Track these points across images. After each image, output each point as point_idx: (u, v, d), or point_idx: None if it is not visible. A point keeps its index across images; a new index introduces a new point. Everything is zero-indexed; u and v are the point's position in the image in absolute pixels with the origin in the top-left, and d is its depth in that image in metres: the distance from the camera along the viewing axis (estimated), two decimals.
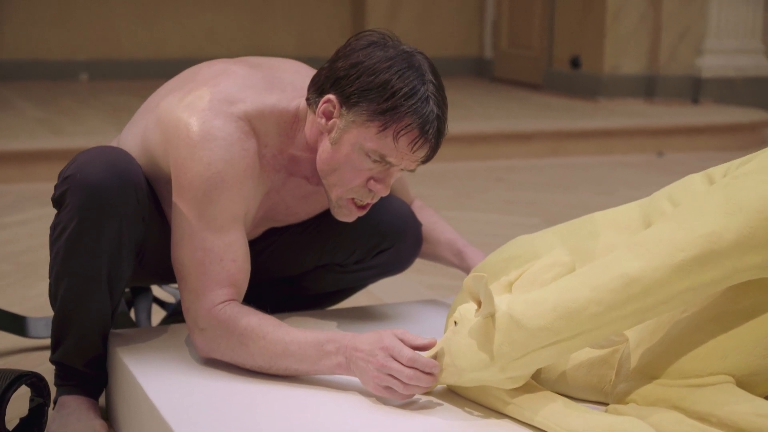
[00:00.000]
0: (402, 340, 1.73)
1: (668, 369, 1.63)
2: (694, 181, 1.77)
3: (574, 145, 5.97)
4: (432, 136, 1.81)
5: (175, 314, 2.52)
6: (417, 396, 1.74)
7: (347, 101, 1.82)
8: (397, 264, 2.22)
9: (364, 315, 2.21)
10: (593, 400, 1.75)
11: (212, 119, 1.86)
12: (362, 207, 1.92)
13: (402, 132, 1.79)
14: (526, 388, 1.68)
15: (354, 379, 1.79)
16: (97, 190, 1.82)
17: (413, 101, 1.78)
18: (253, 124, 1.89)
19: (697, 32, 6.99)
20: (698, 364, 1.60)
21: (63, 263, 1.87)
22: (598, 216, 1.89)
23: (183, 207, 1.86)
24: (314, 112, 1.89)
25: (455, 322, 1.71)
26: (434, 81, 1.82)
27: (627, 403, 1.66)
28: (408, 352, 1.71)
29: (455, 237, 2.25)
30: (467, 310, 1.69)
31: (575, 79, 7.28)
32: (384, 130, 1.80)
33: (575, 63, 7.25)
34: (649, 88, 7.04)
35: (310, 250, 2.17)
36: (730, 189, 1.57)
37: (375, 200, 1.91)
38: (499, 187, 5.03)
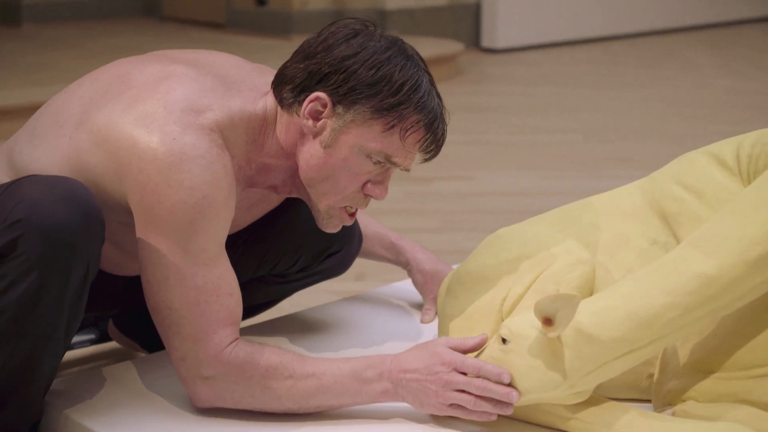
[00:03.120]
0: (452, 348, 1.60)
1: (726, 362, 1.60)
2: (701, 163, 1.73)
3: None
4: (441, 132, 1.65)
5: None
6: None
7: (344, 99, 1.61)
8: (342, 266, 2.03)
9: (284, 325, 2.03)
10: (627, 398, 1.69)
11: (182, 135, 1.57)
12: (353, 214, 1.72)
13: (411, 129, 1.62)
14: (588, 401, 1.59)
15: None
16: (62, 234, 1.49)
17: (419, 95, 1.61)
18: (225, 134, 1.63)
19: None
20: (758, 354, 1.58)
21: (10, 324, 1.53)
22: (595, 202, 1.81)
23: (162, 241, 1.57)
24: (290, 113, 1.66)
25: (503, 340, 1.57)
26: (428, 71, 1.66)
27: (684, 400, 1.62)
28: (473, 361, 1.57)
29: (384, 230, 2.09)
30: (520, 327, 1.56)
31: (262, 16, 7.10)
32: (391, 128, 1.61)
33: (261, 0, 7.07)
34: None
35: (247, 263, 1.92)
36: None
37: (367, 206, 1.72)
38: None
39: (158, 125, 1.58)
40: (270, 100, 1.69)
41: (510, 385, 1.55)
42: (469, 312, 1.74)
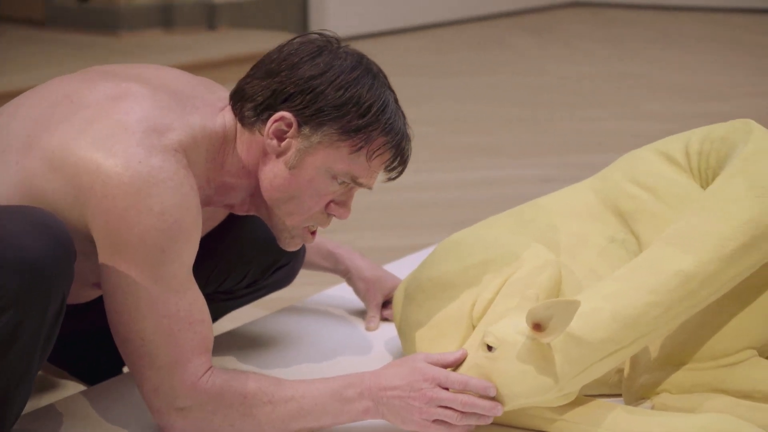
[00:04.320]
0: (433, 364, 1.58)
1: (696, 354, 1.65)
2: (651, 161, 1.78)
3: None
4: (407, 152, 1.64)
5: None
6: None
7: (311, 120, 1.58)
8: (288, 279, 1.99)
9: (228, 342, 1.97)
10: (597, 394, 1.73)
11: (148, 158, 1.50)
12: (314, 233, 1.69)
13: (378, 151, 1.61)
14: (572, 401, 1.61)
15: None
16: (39, 268, 1.40)
17: (387, 116, 1.60)
18: (187, 154, 1.57)
19: None
20: (726, 344, 1.65)
21: None
22: (547, 204, 1.84)
23: (131, 269, 1.50)
24: (252, 131, 1.61)
25: (489, 347, 1.58)
26: (391, 88, 1.65)
27: (658, 393, 1.67)
28: (457, 377, 1.56)
29: (321, 239, 2.06)
30: (506, 333, 1.57)
31: (85, 12, 6.85)
32: (358, 150, 1.59)
33: None
34: (166, 17, 6.86)
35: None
36: (748, 174, 1.61)
37: (328, 224, 1.69)
38: None
39: (122, 147, 1.50)
40: (228, 117, 1.63)
41: (494, 398, 1.56)
42: (436, 320, 1.74)
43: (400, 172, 1.66)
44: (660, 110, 5.22)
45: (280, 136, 1.59)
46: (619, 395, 1.73)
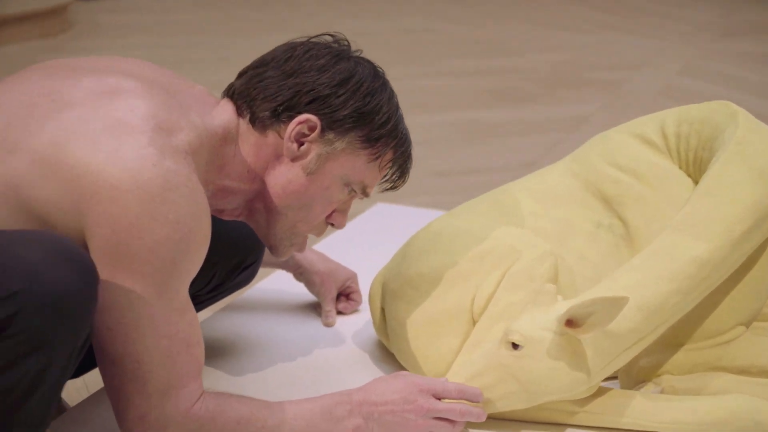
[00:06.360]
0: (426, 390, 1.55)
1: (694, 334, 1.69)
2: (628, 144, 1.79)
3: None
4: (410, 165, 1.62)
5: None
6: None
7: (336, 125, 1.50)
8: (250, 279, 1.86)
9: None
10: None
11: (162, 160, 1.35)
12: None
13: (390, 162, 1.58)
14: (594, 393, 1.61)
15: None
16: (67, 303, 1.24)
17: (402, 127, 1.57)
18: (195, 156, 1.43)
19: None
20: (721, 322, 1.68)
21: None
22: (524, 190, 1.81)
23: (135, 282, 1.35)
24: (263, 133, 1.50)
25: (514, 345, 1.54)
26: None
27: (659, 375, 1.69)
28: (453, 385, 1.55)
29: None
30: (532, 330, 1.53)
31: None
32: (376, 159, 1.55)
33: None
34: None
35: None
36: (745, 156, 1.64)
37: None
38: None
39: (131, 148, 1.34)
40: (226, 115, 1.51)
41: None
42: (433, 316, 1.69)
43: (400, 186, 1.62)
44: (458, 67, 5.30)
45: (299, 139, 1.50)
46: (614, 378, 1.74)
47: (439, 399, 1.55)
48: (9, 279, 1.22)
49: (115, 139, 1.34)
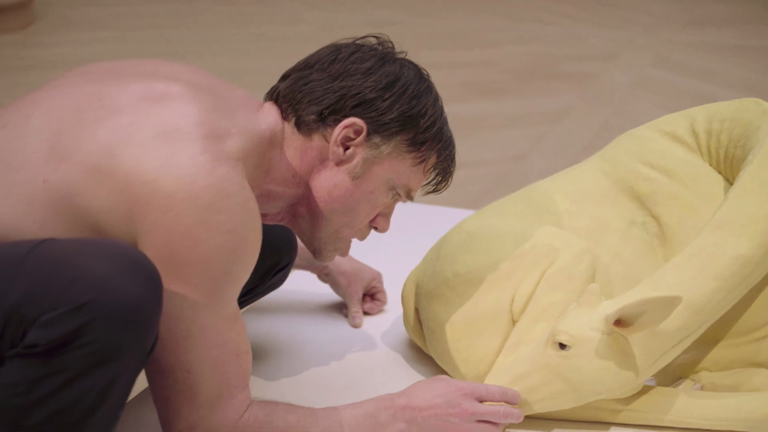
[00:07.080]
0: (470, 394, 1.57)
1: (730, 330, 1.70)
2: (659, 141, 1.79)
3: None
4: (454, 169, 1.61)
5: None
6: None
7: (383, 128, 1.49)
8: (282, 281, 1.85)
9: None
10: None
11: (216, 167, 1.34)
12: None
13: (435, 165, 1.57)
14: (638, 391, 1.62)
15: None
16: (139, 315, 1.23)
17: (447, 131, 1.57)
18: (245, 161, 1.42)
19: None
20: (756, 317, 1.70)
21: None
22: (555, 188, 1.81)
23: (189, 292, 1.34)
24: (308, 136, 1.49)
25: (561, 345, 1.54)
26: None
27: (696, 372, 1.70)
28: (495, 388, 1.56)
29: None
30: (580, 330, 1.54)
31: None
32: (420, 162, 1.54)
33: None
34: None
35: None
36: None
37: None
38: None
39: (185, 156, 1.33)
40: (271, 119, 1.49)
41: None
42: (473, 317, 1.69)
43: (445, 188, 1.62)
44: (431, 59, 5.29)
45: (344, 143, 1.49)
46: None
47: (481, 402, 1.55)
48: (78, 290, 1.21)
49: (168, 147, 1.33)
